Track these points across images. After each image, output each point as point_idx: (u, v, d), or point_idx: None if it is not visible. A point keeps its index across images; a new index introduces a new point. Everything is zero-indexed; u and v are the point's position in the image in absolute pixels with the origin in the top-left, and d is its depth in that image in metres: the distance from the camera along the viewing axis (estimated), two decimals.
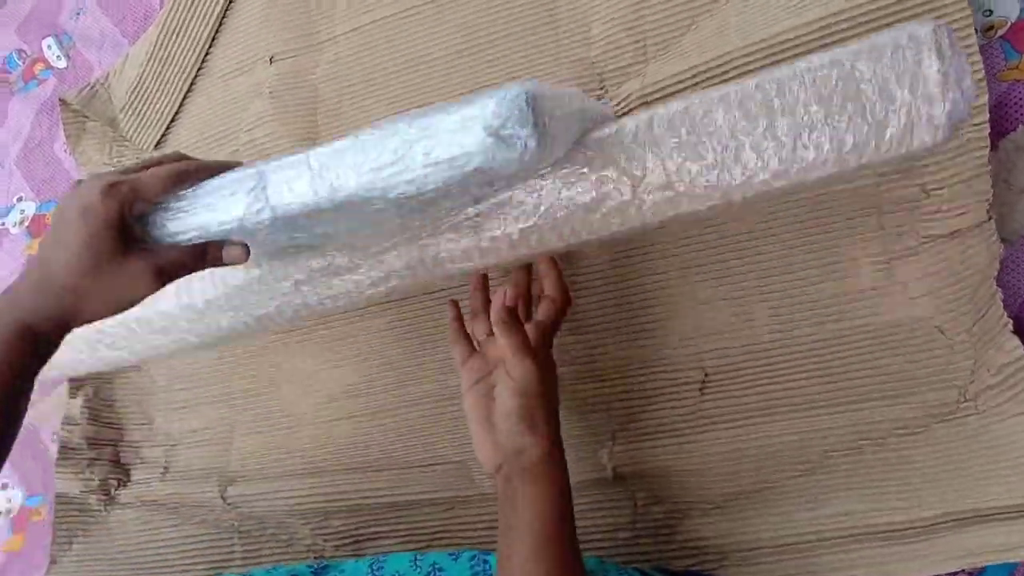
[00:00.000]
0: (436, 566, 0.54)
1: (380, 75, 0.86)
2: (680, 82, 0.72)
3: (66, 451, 0.89)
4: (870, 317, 0.67)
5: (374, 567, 0.56)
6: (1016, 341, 0.62)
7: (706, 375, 0.71)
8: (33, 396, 0.93)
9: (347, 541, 0.80)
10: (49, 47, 1.09)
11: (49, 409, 0.92)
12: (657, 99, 0.73)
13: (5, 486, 0.99)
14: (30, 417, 0.93)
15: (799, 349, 0.69)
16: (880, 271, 0.68)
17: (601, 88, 0.77)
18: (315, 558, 0.80)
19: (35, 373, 0.55)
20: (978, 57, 0.64)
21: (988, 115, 0.64)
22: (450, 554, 0.55)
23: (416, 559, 0.55)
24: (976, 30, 0.65)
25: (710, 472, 0.69)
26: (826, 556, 0.65)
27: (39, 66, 1.10)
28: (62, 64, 1.08)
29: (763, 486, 0.68)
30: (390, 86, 0.86)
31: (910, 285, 0.67)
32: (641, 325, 0.74)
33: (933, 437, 0.64)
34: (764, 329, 0.70)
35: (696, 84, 0.71)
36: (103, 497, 0.90)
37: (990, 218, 0.63)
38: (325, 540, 0.81)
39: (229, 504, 0.83)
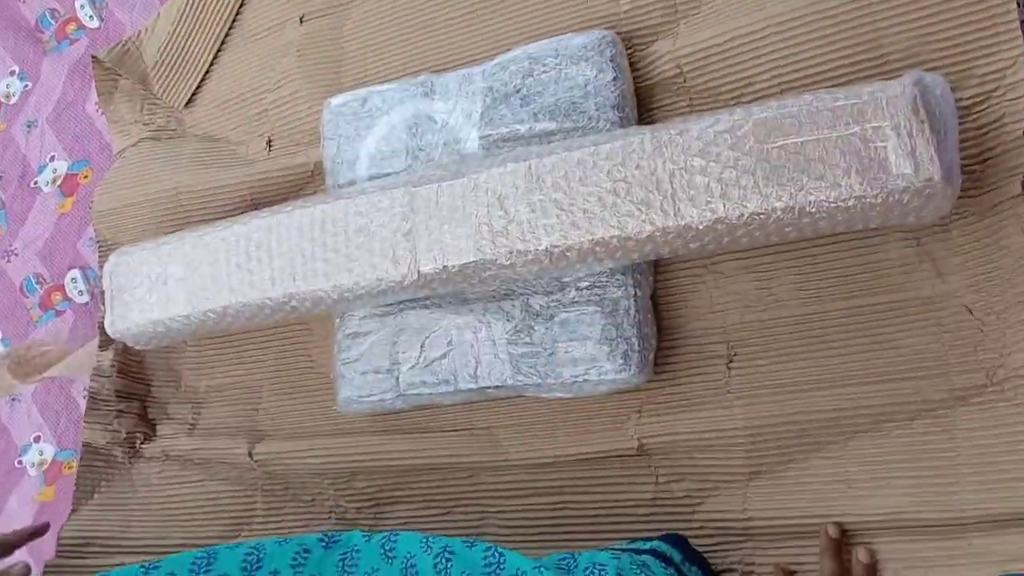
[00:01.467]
0: (448, 549, 0.54)
1: (404, 32, 0.86)
2: (715, 48, 0.71)
3: (95, 401, 0.91)
4: (899, 292, 0.66)
5: (386, 546, 0.56)
6: None
7: (733, 349, 0.70)
8: (66, 348, 0.97)
9: (368, 504, 0.81)
10: (82, 7, 1.09)
11: (82, 362, 0.93)
12: (690, 66, 0.72)
13: (38, 439, 1.01)
14: (63, 369, 0.96)
15: (827, 323, 0.68)
16: (910, 246, 0.67)
17: (630, 48, 0.76)
18: (336, 520, 0.81)
19: None
20: (1019, 34, 0.63)
21: None
22: (465, 541, 0.55)
23: (428, 541, 0.55)
24: (1018, 4, 0.63)
25: (736, 448, 0.69)
26: (854, 544, 0.64)
27: (71, 26, 1.10)
28: (94, 24, 1.08)
29: (789, 465, 0.68)
30: (413, 43, 0.85)
31: (939, 261, 0.66)
32: (665, 299, 0.73)
33: (959, 422, 0.63)
34: (792, 302, 0.69)
35: (732, 53, 0.70)
36: (128, 449, 0.91)
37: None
38: (348, 501, 0.82)
39: (256, 462, 0.84)
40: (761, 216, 0.60)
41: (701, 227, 0.62)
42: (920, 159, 0.57)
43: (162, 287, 0.81)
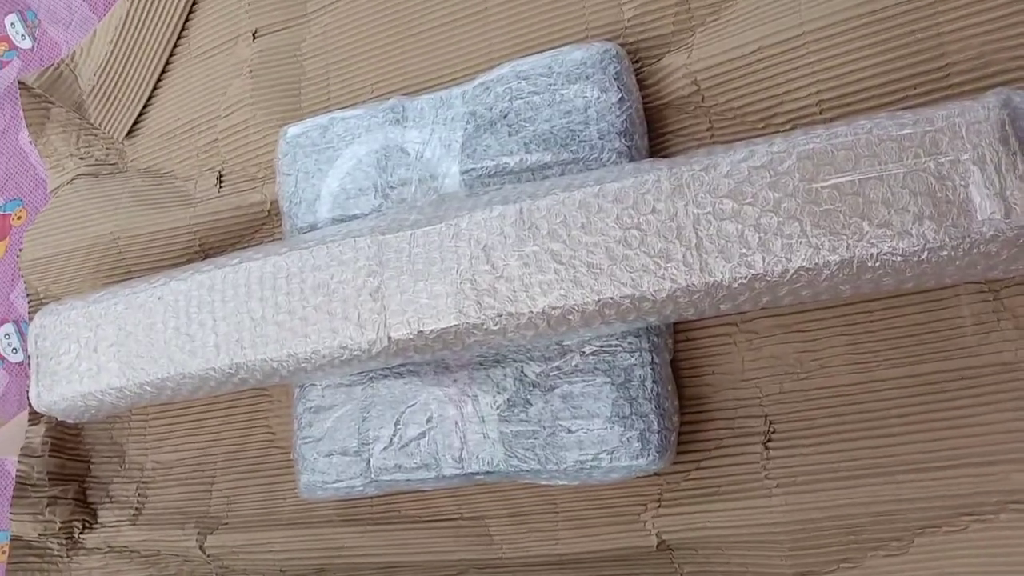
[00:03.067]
0: None
1: (370, 48, 0.75)
2: (739, 61, 0.59)
3: (23, 488, 0.79)
4: (972, 357, 0.55)
5: None
6: None
7: (771, 425, 0.59)
8: None
9: None
10: (12, 25, 0.98)
11: (11, 438, 0.82)
12: (709, 82, 0.61)
13: None
14: None
15: (884, 394, 0.56)
16: (986, 300, 0.55)
17: (637, 63, 0.65)
18: None
19: None
20: None
21: None
22: None
23: None
24: None
25: (776, 546, 0.57)
26: None
27: (1, 47, 0.99)
28: (27, 44, 0.97)
29: (842, 565, 0.56)
30: (382, 60, 0.74)
31: (1023, 319, 0.54)
32: (688, 364, 0.62)
33: None
34: (841, 369, 0.58)
35: (759, 67, 0.59)
36: (66, 541, 0.79)
37: None
38: None
39: (209, 556, 0.73)
40: (810, 272, 0.49)
41: (734, 285, 0.50)
42: (1012, 200, 0.45)
43: (92, 354, 0.70)
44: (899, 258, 0.47)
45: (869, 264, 0.48)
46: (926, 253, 0.47)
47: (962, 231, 0.46)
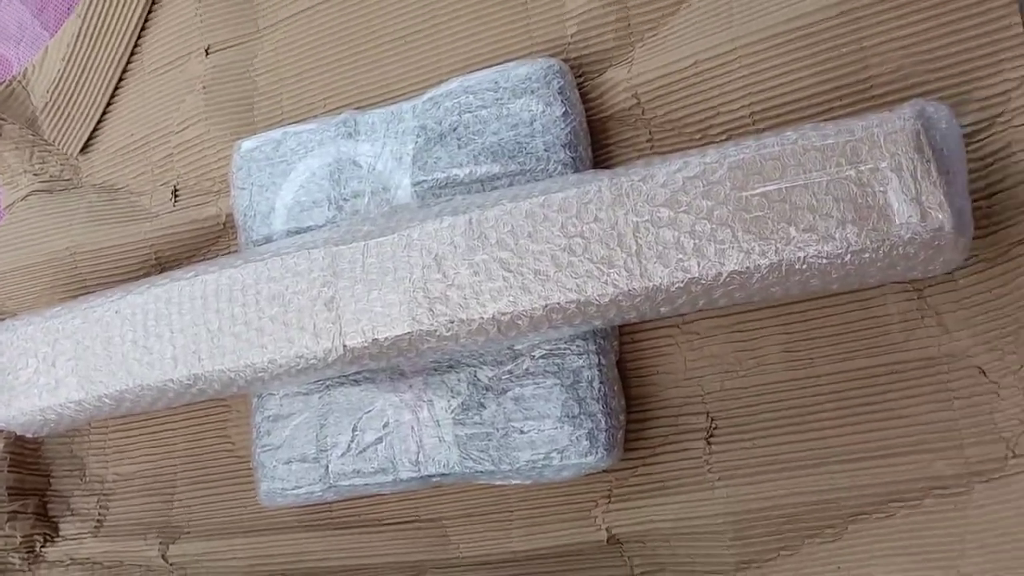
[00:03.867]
0: None
1: (322, 63, 0.76)
2: (676, 75, 0.62)
3: None
4: (900, 353, 0.58)
5: None
6: None
7: (713, 422, 0.61)
8: None
9: None
10: None
11: None
12: (649, 95, 0.63)
13: None
14: None
15: (819, 390, 0.59)
16: (910, 299, 0.58)
17: (580, 77, 0.67)
18: None
19: None
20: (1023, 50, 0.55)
21: None
22: None
23: None
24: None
25: (720, 536, 0.60)
26: None
27: None
28: None
29: (782, 553, 0.59)
30: (334, 75, 0.76)
31: (945, 316, 0.57)
32: (634, 365, 0.64)
33: (977, 500, 0.54)
34: (778, 366, 0.60)
35: (695, 80, 0.62)
36: (27, 555, 0.79)
37: None
38: None
39: (172, 565, 0.74)
40: (742, 275, 0.51)
41: (672, 289, 0.53)
42: (927, 205, 0.48)
43: (51, 369, 0.70)
44: (824, 260, 0.50)
45: (797, 267, 0.50)
46: (849, 255, 0.49)
47: (882, 234, 0.49)
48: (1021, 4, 0.55)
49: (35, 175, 0.88)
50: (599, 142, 0.67)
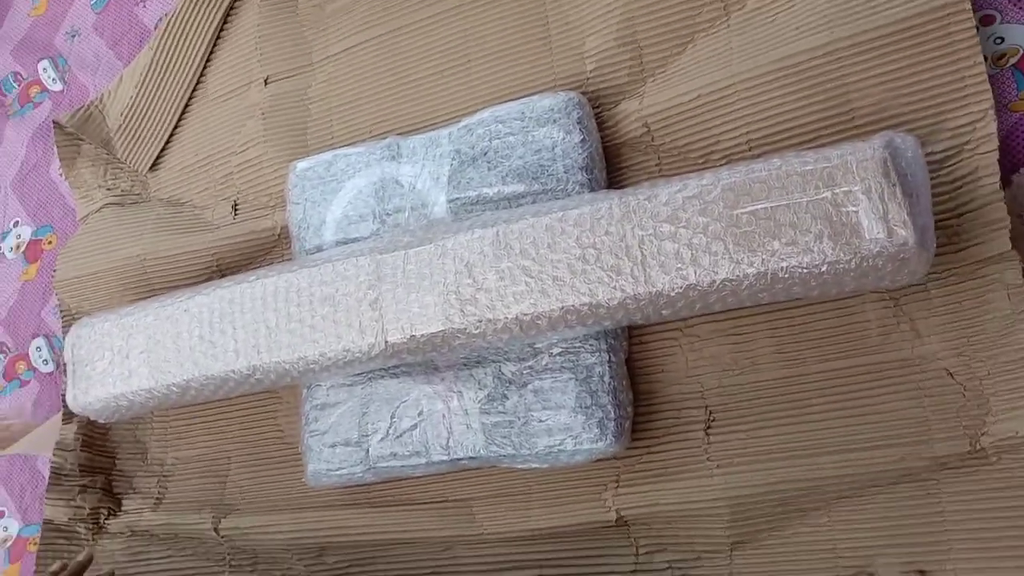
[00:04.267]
0: None
1: (369, 94, 0.85)
2: (682, 107, 0.70)
3: (58, 477, 0.88)
4: (876, 354, 0.65)
5: None
6: None
7: (711, 415, 0.68)
8: (30, 423, 0.94)
9: None
10: (45, 70, 1.07)
11: (46, 438, 0.91)
12: (658, 125, 0.71)
13: (1, 514, 0.98)
14: (26, 446, 0.93)
15: (806, 386, 0.66)
16: (887, 307, 0.65)
17: (597, 108, 0.75)
18: None
19: None
20: (987, 87, 0.62)
21: (997, 144, 0.61)
22: None
23: None
24: (986, 58, 0.62)
25: (717, 517, 0.66)
26: None
27: (34, 89, 1.08)
28: (58, 87, 1.07)
29: (772, 533, 0.66)
30: (379, 104, 0.84)
31: (918, 323, 0.64)
32: (641, 363, 0.71)
33: (944, 486, 0.61)
34: (769, 366, 0.68)
35: (699, 112, 0.69)
36: (92, 526, 0.88)
37: (1012, 253, 0.60)
38: None
39: (223, 537, 0.82)
40: (733, 283, 0.59)
41: (672, 294, 0.60)
42: (893, 223, 0.55)
43: (124, 360, 0.79)
44: (804, 270, 0.57)
45: (780, 275, 0.58)
46: (826, 266, 0.57)
47: (854, 248, 0.56)
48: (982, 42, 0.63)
49: (108, 190, 0.97)
50: (613, 166, 0.74)
